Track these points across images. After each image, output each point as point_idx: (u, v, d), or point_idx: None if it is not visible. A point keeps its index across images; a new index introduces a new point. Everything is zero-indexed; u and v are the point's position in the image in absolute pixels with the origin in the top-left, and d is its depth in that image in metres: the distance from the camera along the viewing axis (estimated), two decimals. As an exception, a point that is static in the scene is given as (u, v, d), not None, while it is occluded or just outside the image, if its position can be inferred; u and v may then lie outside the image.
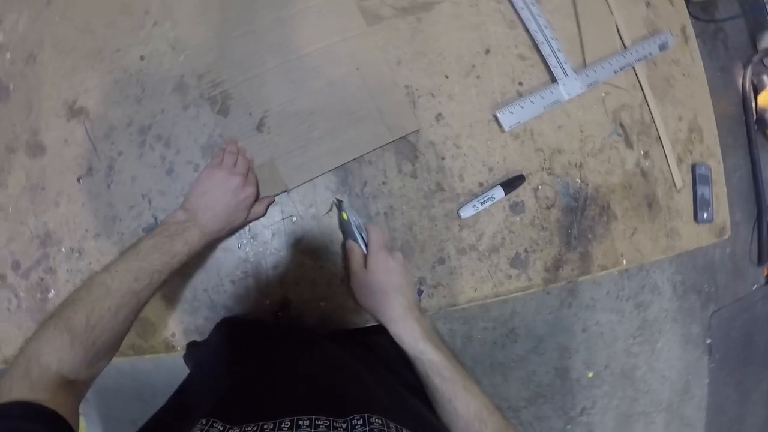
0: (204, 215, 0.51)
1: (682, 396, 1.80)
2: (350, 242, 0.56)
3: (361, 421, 0.32)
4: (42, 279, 0.63)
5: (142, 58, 0.63)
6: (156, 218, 0.61)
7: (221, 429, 0.30)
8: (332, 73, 0.63)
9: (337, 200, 0.59)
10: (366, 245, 0.54)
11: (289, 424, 0.30)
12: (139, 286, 0.44)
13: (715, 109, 0.83)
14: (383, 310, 0.50)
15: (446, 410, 0.45)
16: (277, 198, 0.61)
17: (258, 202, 0.58)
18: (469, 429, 0.44)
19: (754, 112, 1.81)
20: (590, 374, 1.66)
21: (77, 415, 0.39)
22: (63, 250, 0.63)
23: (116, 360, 0.48)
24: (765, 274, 1.96)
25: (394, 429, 0.31)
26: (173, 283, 0.61)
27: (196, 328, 0.62)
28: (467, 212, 0.63)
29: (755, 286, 1.97)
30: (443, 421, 0.45)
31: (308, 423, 0.31)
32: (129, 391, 1.36)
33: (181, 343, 0.63)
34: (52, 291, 0.63)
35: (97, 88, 0.63)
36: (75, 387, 0.41)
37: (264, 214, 0.59)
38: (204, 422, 0.30)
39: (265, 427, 0.30)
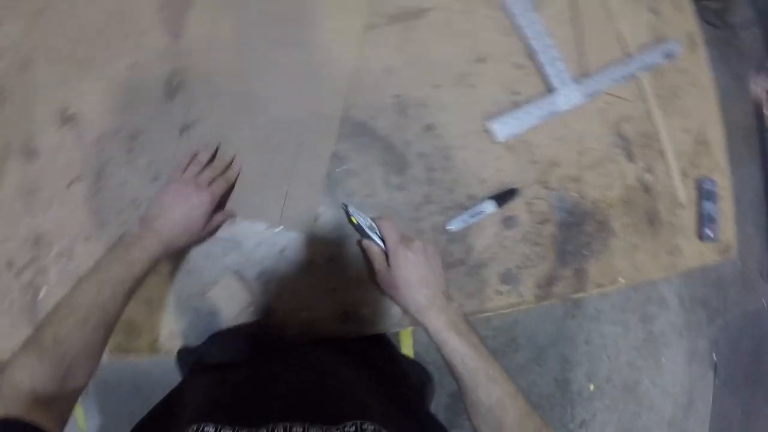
0: (158, 222, 0.50)
1: (685, 412, 1.67)
2: (366, 242, 0.51)
3: (353, 429, 0.31)
4: (32, 280, 0.61)
5: (130, 66, 0.60)
6: (141, 225, 0.58)
7: (213, 431, 0.30)
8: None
9: (344, 204, 0.52)
10: (383, 242, 0.50)
11: (282, 430, 0.30)
12: (103, 298, 0.43)
13: (727, 118, 0.75)
14: (408, 304, 0.48)
15: (470, 398, 0.44)
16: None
17: (220, 213, 0.55)
18: (491, 415, 0.43)
19: (768, 121, 1.68)
20: (592, 387, 1.56)
21: None
22: (53, 252, 0.60)
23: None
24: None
25: None
26: (158, 288, 0.58)
27: (180, 332, 0.59)
28: (456, 226, 0.58)
29: (765, 302, 1.84)
30: (467, 407, 0.45)
31: (301, 430, 0.30)
32: (128, 384, 1.35)
33: (164, 346, 0.60)
34: (42, 292, 0.61)
35: (88, 95, 0.61)
36: (54, 405, 0.39)
37: (219, 225, 0.56)
38: (195, 428, 0.30)
39: None
